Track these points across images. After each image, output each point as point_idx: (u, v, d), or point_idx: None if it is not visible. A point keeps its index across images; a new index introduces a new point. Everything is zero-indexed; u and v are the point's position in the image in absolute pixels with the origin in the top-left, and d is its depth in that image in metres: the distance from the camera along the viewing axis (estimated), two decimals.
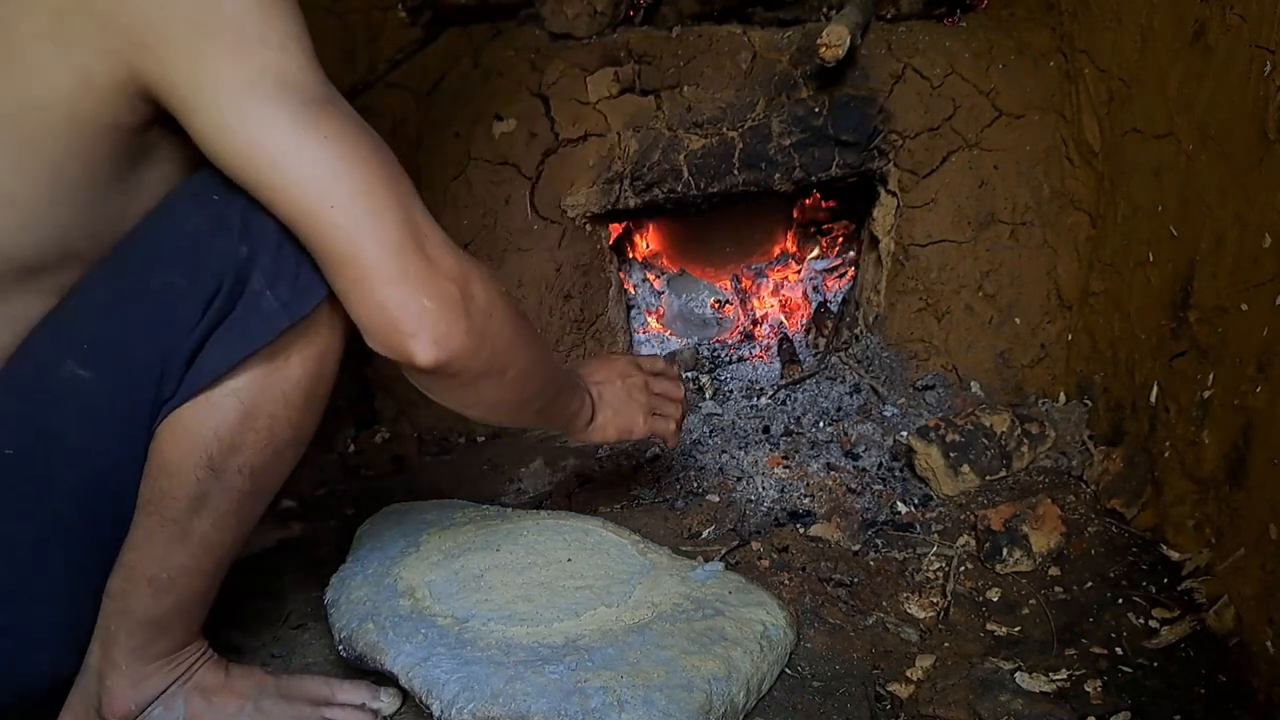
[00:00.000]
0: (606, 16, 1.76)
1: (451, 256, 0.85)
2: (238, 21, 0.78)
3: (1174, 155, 1.29)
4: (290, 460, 0.95)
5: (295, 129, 0.79)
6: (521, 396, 0.99)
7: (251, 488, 0.91)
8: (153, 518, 0.89)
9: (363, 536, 1.27)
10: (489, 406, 0.97)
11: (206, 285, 0.85)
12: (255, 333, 0.86)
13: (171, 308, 0.85)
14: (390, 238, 0.81)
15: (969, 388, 1.71)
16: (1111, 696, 1.02)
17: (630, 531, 1.28)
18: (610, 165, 1.74)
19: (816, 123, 1.70)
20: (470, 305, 0.86)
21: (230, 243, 0.84)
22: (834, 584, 1.27)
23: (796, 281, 2.11)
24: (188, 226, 0.85)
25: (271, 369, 0.88)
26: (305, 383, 0.90)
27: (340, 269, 0.83)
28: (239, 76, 0.78)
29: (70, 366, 0.84)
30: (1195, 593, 1.15)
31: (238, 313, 0.86)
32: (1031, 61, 1.68)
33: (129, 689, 0.93)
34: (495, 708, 0.93)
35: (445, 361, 0.85)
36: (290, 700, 1.01)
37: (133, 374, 0.86)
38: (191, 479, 0.87)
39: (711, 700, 0.95)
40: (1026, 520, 1.29)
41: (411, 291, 0.82)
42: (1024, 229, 1.68)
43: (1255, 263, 1.08)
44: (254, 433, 0.89)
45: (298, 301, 0.86)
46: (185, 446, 0.87)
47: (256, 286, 0.85)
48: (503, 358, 0.92)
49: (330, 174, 0.80)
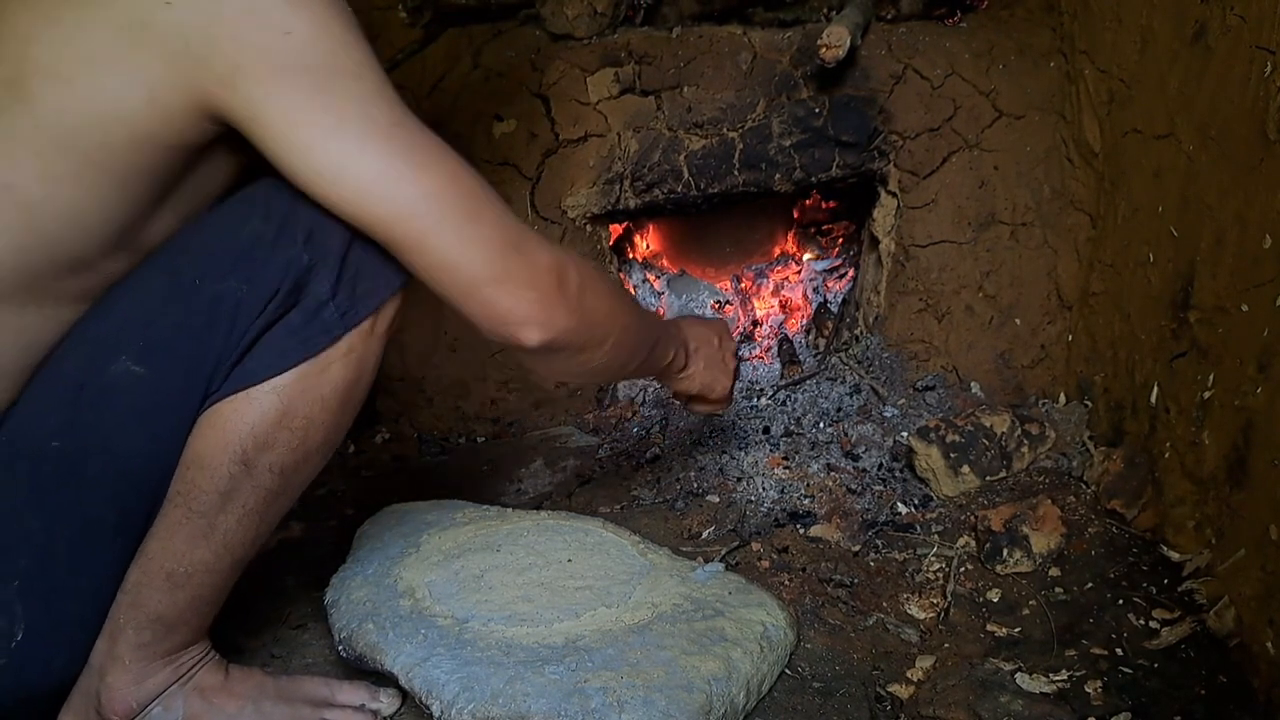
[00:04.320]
0: (606, 17, 1.76)
1: (544, 249, 0.93)
2: (320, 56, 0.81)
3: (1174, 156, 1.29)
4: (317, 464, 0.96)
5: (388, 159, 0.83)
6: (621, 359, 1.07)
7: (279, 487, 0.93)
8: (180, 510, 0.90)
9: (363, 537, 1.27)
10: (594, 372, 1.05)
11: (265, 291, 0.87)
12: (313, 340, 0.89)
13: (230, 312, 0.87)
14: (492, 246, 0.88)
15: (969, 388, 1.71)
16: (1112, 697, 1.02)
17: (630, 532, 1.28)
18: (610, 166, 1.74)
19: (817, 123, 1.70)
20: (565, 289, 0.93)
21: (294, 251, 0.87)
22: (834, 584, 1.27)
23: (797, 282, 2.11)
24: (251, 233, 0.87)
25: (314, 372, 0.90)
26: (343, 388, 0.93)
27: (450, 281, 0.89)
28: (326, 111, 0.81)
29: (124, 363, 0.86)
30: (1195, 593, 1.15)
31: (295, 319, 0.89)
32: (1032, 62, 1.68)
33: (131, 686, 0.93)
34: (495, 708, 0.93)
35: (550, 340, 0.94)
36: (290, 701, 1.01)
37: (186, 374, 0.88)
38: (224, 473, 0.89)
39: (711, 701, 0.95)
40: (1027, 521, 1.29)
41: (515, 287, 0.90)
42: (1024, 229, 1.68)
43: (1255, 263, 1.08)
44: (289, 432, 0.91)
45: (354, 311, 0.90)
46: (221, 440, 0.89)
47: (320, 296, 0.89)
48: (601, 329, 1.00)
49: (429, 199, 0.85)
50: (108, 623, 0.94)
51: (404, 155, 0.84)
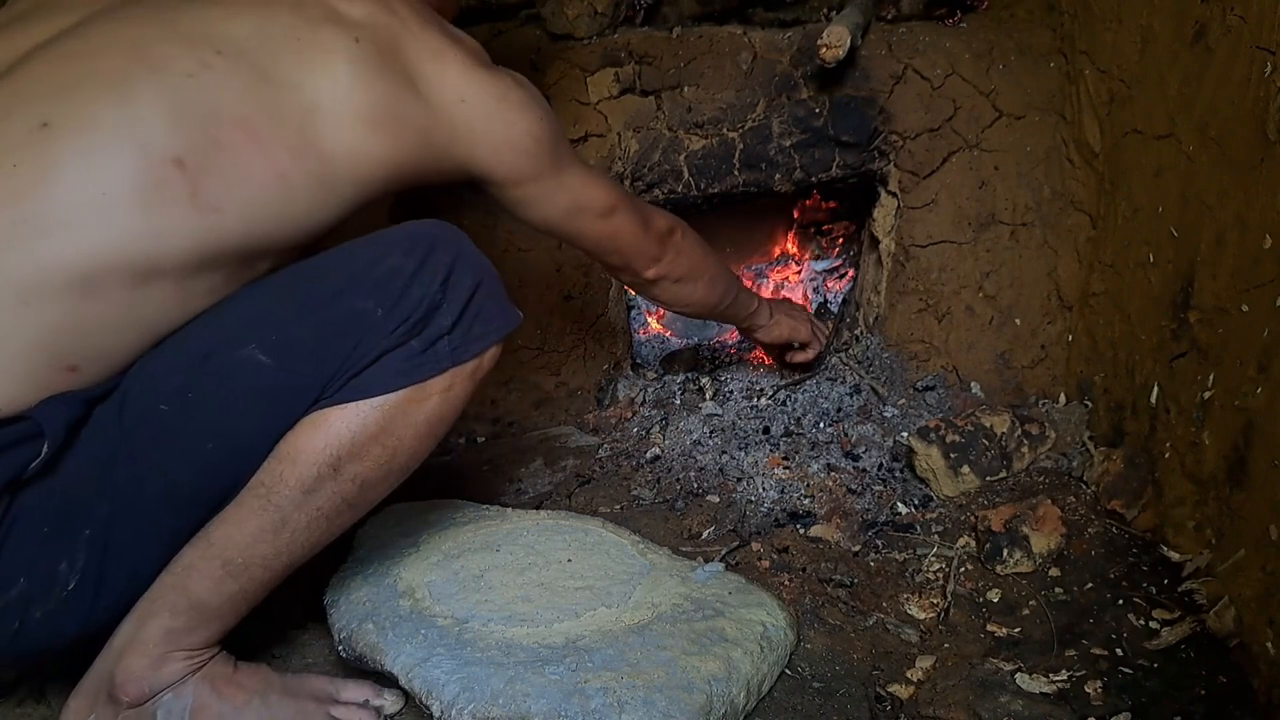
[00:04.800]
0: (607, 17, 1.76)
1: (660, 217, 1.36)
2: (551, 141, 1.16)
3: (1174, 156, 1.29)
4: (391, 485, 1.03)
5: (587, 179, 1.23)
6: (715, 294, 1.49)
7: (354, 499, 0.99)
8: (259, 500, 0.94)
9: (362, 537, 1.27)
10: (694, 302, 1.47)
11: (399, 317, 0.96)
12: (424, 368, 0.98)
13: (363, 329, 0.95)
14: (639, 225, 1.31)
15: (969, 388, 1.71)
16: (1112, 697, 1.02)
17: (630, 532, 1.28)
18: (610, 166, 1.74)
19: (817, 123, 1.70)
20: (670, 241, 1.37)
21: (431, 286, 0.97)
22: (834, 585, 1.27)
23: (797, 282, 2.11)
24: (393, 265, 0.97)
25: (417, 399, 0.98)
26: (435, 419, 1.01)
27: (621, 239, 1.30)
28: (566, 172, 1.19)
29: (252, 350, 0.93)
30: (1195, 594, 1.15)
31: (415, 345, 0.97)
32: (1032, 62, 1.68)
33: (148, 670, 0.95)
34: (495, 708, 0.93)
35: (663, 274, 1.38)
36: (295, 696, 1.03)
37: (308, 375, 0.94)
38: (313, 472, 0.95)
39: (712, 701, 0.95)
40: (1027, 521, 1.29)
41: (648, 247, 1.34)
42: (1024, 230, 1.68)
43: (1255, 263, 1.08)
44: (381, 448, 0.98)
45: (464, 349, 1.01)
46: (320, 441, 0.95)
47: (441, 329, 0.99)
48: (698, 269, 1.43)
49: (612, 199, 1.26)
50: (141, 604, 0.96)
51: (598, 180, 1.24)
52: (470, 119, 1.07)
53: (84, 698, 0.97)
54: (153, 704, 0.96)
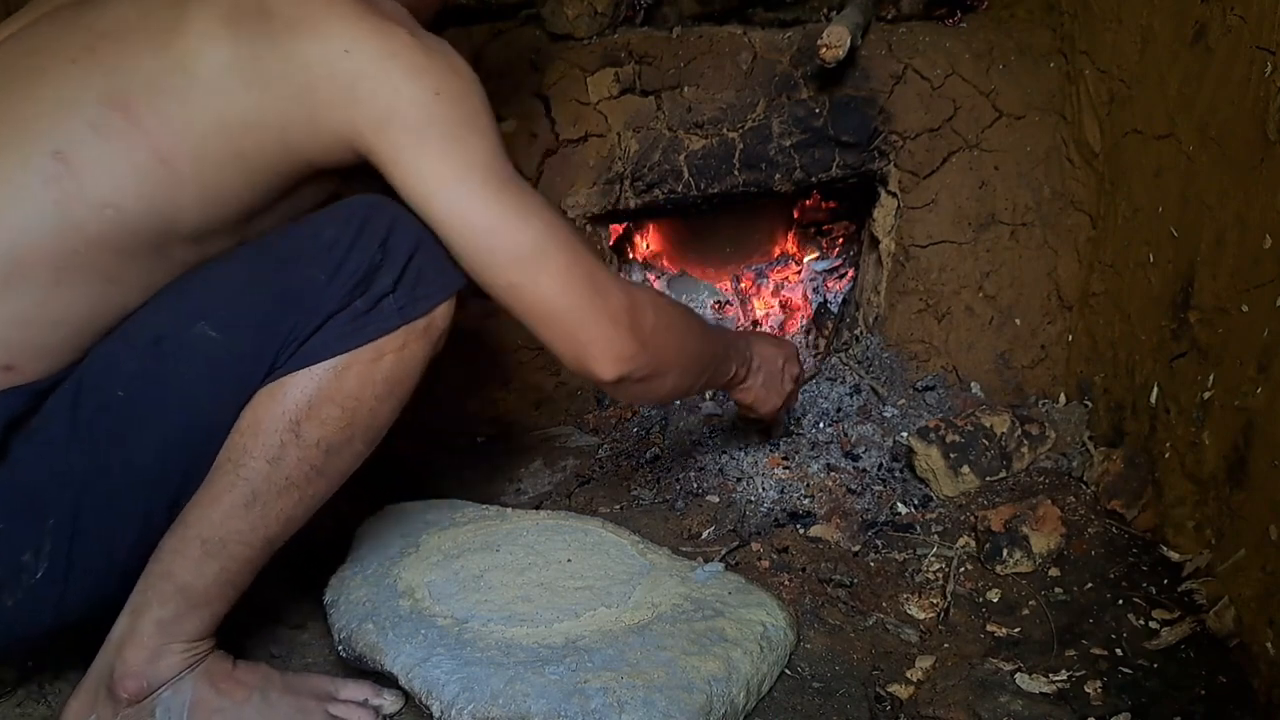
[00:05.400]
0: (607, 17, 1.76)
1: (622, 293, 1.05)
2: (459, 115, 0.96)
3: (1174, 156, 1.29)
4: (360, 452, 1.02)
5: (501, 210, 0.98)
6: (687, 384, 1.21)
7: (321, 464, 0.98)
8: (227, 475, 0.95)
9: (362, 536, 1.27)
10: (663, 397, 1.19)
11: (342, 282, 0.96)
12: (369, 328, 0.97)
13: (308, 295, 0.96)
14: (581, 294, 1.01)
15: (969, 388, 1.71)
16: (1111, 697, 1.02)
17: (630, 532, 1.28)
18: (610, 166, 1.74)
19: (817, 123, 1.70)
20: (638, 331, 1.06)
21: (370, 249, 0.96)
22: (834, 585, 1.27)
23: (797, 282, 2.11)
24: (335, 234, 0.97)
25: (369, 358, 0.98)
26: (393, 378, 1.00)
27: (543, 319, 1.02)
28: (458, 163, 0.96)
29: (202, 327, 0.94)
30: (1195, 594, 1.15)
31: (359, 306, 0.97)
32: (1032, 62, 1.68)
33: (145, 665, 0.95)
34: (495, 708, 0.93)
35: (625, 374, 1.06)
36: (295, 694, 1.03)
37: (258, 346, 0.95)
38: (275, 440, 0.95)
39: (712, 701, 0.95)
40: (1026, 521, 1.29)
41: (599, 329, 1.03)
42: (1024, 230, 1.68)
43: (1255, 263, 1.08)
44: (340, 409, 0.97)
45: (410, 308, 0.99)
46: (278, 408, 0.95)
47: (383, 289, 0.97)
48: (669, 362, 1.13)
49: (532, 247, 0.99)
50: (134, 596, 0.97)
51: (514, 208, 0.98)
52: (352, 74, 0.93)
53: (84, 696, 0.98)
54: (152, 700, 0.96)
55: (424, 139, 0.95)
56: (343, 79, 0.93)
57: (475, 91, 0.98)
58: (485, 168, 0.97)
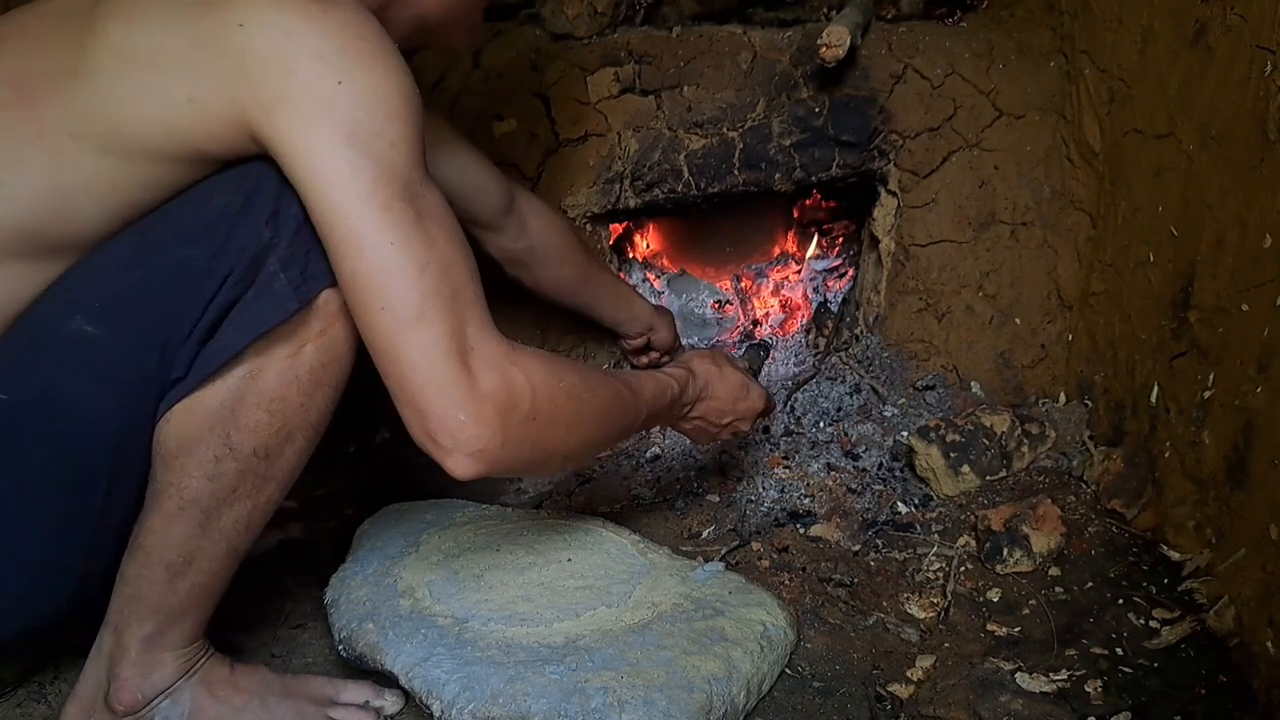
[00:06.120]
0: (607, 16, 1.76)
1: (495, 371, 0.88)
2: (362, 114, 0.83)
3: (1174, 156, 1.29)
4: (303, 447, 0.96)
5: (378, 228, 0.84)
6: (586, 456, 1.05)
7: (267, 471, 0.94)
8: (172, 500, 0.91)
9: (363, 536, 1.27)
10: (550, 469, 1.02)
11: (226, 263, 0.88)
12: (267, 314, 0.89)
13: (189, 279, 0.88)
14: (434, 350, 0.85)
15: (969, 388, 1.71)
16: (1112, 697, 1.02)
17: (630, 531, 1.28)
18: (610, 165, 1.74)
19: (817, 123, 1.70)
20: (509, 418, 0.88)
21: (258, 226, 0.88)
22: (834, 584, 1.27)
23: (797, 282, 2.11)
24: (220, 204, 0.88)
25: (286, 353, 0.91)
26: (318, 369, 0.93)
27: (384, 367, 0.87)
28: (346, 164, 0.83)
29: (79, 322, 0.87)
30: (1195, 593, 1.15)
31: (251, 294, 0.89)
32: (1032, 62, 1.68)
33: (138, 679, 0.95)
34: (495, 708, 0.93)
35: (480, 473, 0.88)
36: (294, 698, 1.02)
37: (140, 337, 0.88)
38: (210, 458, 0.90)
39: (712, 700, 0.95)
40: (1027, 520, 1.29)
41: (449, 405, 0.85)
42: (1024, 229, 1.68)
43: (1255, 263, 1.08)
44: (268, 414, 0.91)
45: (306, 287, 0.89)
46: (204, 426, 0.90)
47: (271, 269, 0.89)
48: (549, 450, 0.94)
49: (392, 276, 0.84)
50: (110, 615, 0.95)
51: (393, 230, 0.84)
52: (243, 50, 0.83)
53: (80, 705, 0.97)
54: (149, 711, 0.96)
55: (315, 129, 0.83)
56: (234, 56, 0.83)
57: (394, 90, 0.85)
58: (378, 176, 0.84)
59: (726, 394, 1.26)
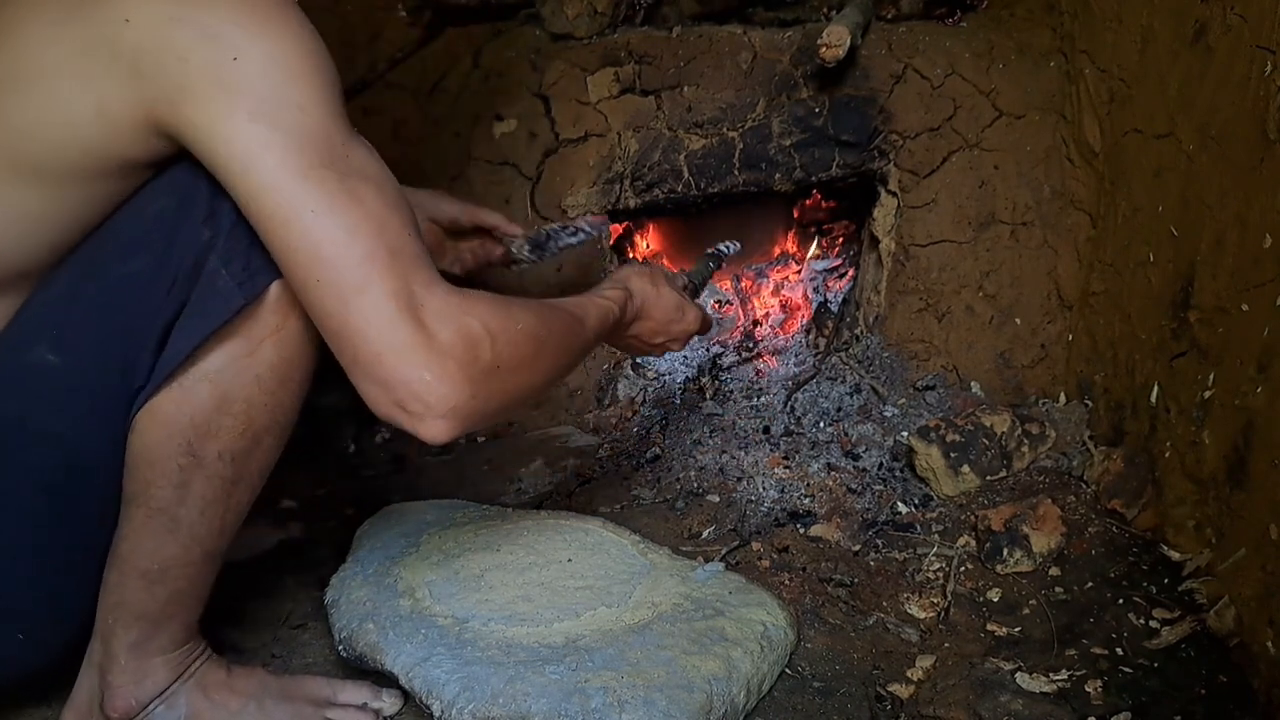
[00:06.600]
0: (607, 16, 1.76)
1: (451, 323, 0.83)
2: (265, 85, 0.80)
3: (1174, 156, 1.29)
4: (271, 447, 0.94)
5: (295, 195, 0.80)
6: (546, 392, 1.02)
7: (234, 474, 0.92)
8: (141, 509, 0.90)
9: (363, 536, 1.27)
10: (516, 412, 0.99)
11: (170, 269, 0.87)
12: (214, 312, 0.86)
13: (138, 292, 0.87)
14: (382, 314, 0.81)
15: (969, 388, 1.71)
16: (1112, 697, 1.02)
17: (630, 532, 1.28)
18: (610, 165, 1.74)
19: (817, 123, 1.70)
20: (474, 369, 0.84)
21: (195, 227, 0.86)
22: (834, 584, 1.27)
23: (797, 282, 2.11)
24: (156, 211, 0.87)
25: (243, 353, 0.88)
26: (279, 365, 0.90)
27: (336, 344, 0.84)
28: (255, 138, 0.80)
29: (40, 351, 0.87)
30: (1196, 593, 1.15)
31: (196, 296, 0.87)
32: (1032, 62, 1.68)
33: (131, 685, 0.94)
34: (495, 708, 0.93)
35: (456, 432, 0.85)
36: (292, 700, 1.02)
37: (101, 357, 0.88)
38: (174, 466, 0.88)
39: (712, 700, 0.95)
40: (1027, 520, 1.29)
41: (411, 369, 0.81)
42: (1024, 229, 1.68)
43: (1255, 263, 1.08)
44: (230, 417, 0.89)
45: (252, 281, 0.87)
46: (164, 434, 0.88)
47: (213, 267, 0.87)
48: (516, 394, 0.92)
49: (322, 245, 0.80)
50: (97, 624, 0.95)
51: (313, 197, 0.80)
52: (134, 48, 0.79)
53: (76, 713, 0.97)
54: (144, 716, 0.95)
55: (222, 116, 0.79)
56: (126, 56, 0.79)
57: (292, 51, 0.82)
58: (287, 146, 0.80)
59: (661, 315, 1.25)
